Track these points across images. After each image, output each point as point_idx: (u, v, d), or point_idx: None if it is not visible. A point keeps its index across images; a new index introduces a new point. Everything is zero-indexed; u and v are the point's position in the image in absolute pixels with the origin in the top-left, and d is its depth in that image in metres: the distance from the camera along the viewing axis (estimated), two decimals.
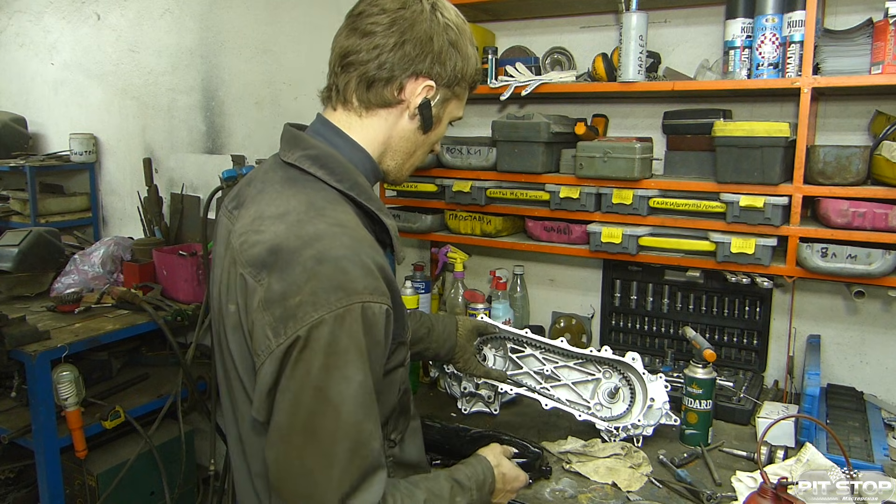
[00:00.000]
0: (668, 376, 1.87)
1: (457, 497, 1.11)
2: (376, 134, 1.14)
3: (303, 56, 2.88)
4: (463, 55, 1.14)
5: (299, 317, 0.92)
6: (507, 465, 1.31)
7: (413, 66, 1.09)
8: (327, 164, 1.08)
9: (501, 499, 1.30)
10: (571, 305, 2.37)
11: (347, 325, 0.93)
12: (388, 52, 1.07)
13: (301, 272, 0.93)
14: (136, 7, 3.40)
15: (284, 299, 0.93)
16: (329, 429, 0.93)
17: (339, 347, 0.92)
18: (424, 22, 1.08)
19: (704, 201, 1.80)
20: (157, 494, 2.87)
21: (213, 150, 3.25)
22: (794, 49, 1.67)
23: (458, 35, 1.13)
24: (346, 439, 0.94)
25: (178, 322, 2.72)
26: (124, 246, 3.15)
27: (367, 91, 1.10)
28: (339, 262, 0.94)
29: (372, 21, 1.08)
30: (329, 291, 0.92)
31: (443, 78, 1.12)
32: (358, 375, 0.94)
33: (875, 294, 1.87)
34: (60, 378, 2.35)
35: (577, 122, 2.05)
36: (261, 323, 0.95)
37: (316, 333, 0.91)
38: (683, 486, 1.48)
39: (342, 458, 0.93)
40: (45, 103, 3.90)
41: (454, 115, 1.22)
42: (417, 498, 1.04)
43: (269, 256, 0.96)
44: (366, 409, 0.96)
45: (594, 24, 2.19)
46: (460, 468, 1.21)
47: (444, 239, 2.27)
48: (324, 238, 0.96)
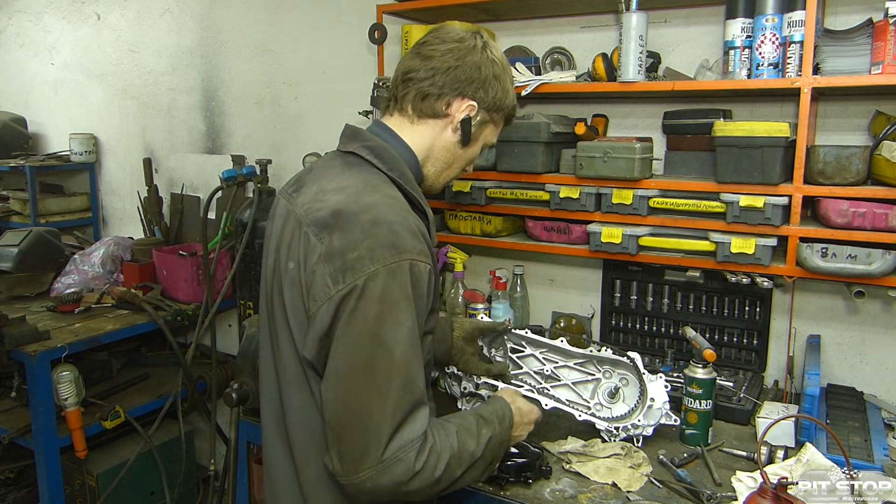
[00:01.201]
0: (668, 376, 1.87)
1: (483, 429, 1.25)
2: (423, 139, 1.32)
3: (303, 56, 2.88)
4: (503, 88, 1.33)
5: (357, 268, 1.08)
6: (522, 401, 1.46)
7: (461, 88, 1.28)
8: (381, 155, 1.26)
9: (522, 431, 1.44)
10: (571, 305, 2.37)
11: (399, 278, 1.09)
12: (441, 74, 1.27)
13: (359, 232, 1.10)
14: (136, 7, 3.40)
15: (344, 254, 1.09)
16: (384, 368, 1.08)
17: (391, 297, 1.08)
18: (476, 54, 1.28)
19: (704, 201, 1.80)
20: (157, 494, 2.88)
21: (213, 150, 3.25)
22: (794, 49, 1.67)
23: (502, 71, 1.33)
24: (399, 376, 1.09)
25: (178, 322, 2.72)
26: (124, 246, 3.15)
27: (422, 102, 1.29)
28: (392, 226, 1.11)
29: (433, 48, 1.28)
30: (383, 248, 1.09)
31: (484, 102, 1.31)
32: (407, 321, 1.10)
33: (875, 294, 1.87)
34: (60, 378, 2.35)
35: (577, 122, 2.05)
36: (322, 273, 1.10)
37: (371, 284, 1.07)
38: (683, 486, 1.48)
39: (395, 393, 1.08)
40: (45, 103, 3.90)
41: (488, 140, 1.39)
42: (450, 430, 1.19)
43: (331, 218, 1.14)
44: (414, 350, 1.11)
45: (594, 24, 2.19)
46: (483, 406, 1.36)
47: (444, 239, 2.27)
48: (378, 206, 1.14)
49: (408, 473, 1.08)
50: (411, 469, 1.08)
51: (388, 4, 2.25)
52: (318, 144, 2.77)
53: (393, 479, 1.08)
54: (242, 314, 2.58)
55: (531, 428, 1.47)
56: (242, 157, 3.07)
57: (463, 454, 1.18)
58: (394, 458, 1.07)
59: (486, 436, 1.25)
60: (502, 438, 1.31)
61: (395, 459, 1.07)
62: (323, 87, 2.85)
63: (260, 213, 2.48)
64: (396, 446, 1.07)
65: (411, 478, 1.09)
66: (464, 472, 1.19)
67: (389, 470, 1.07)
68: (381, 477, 1.07)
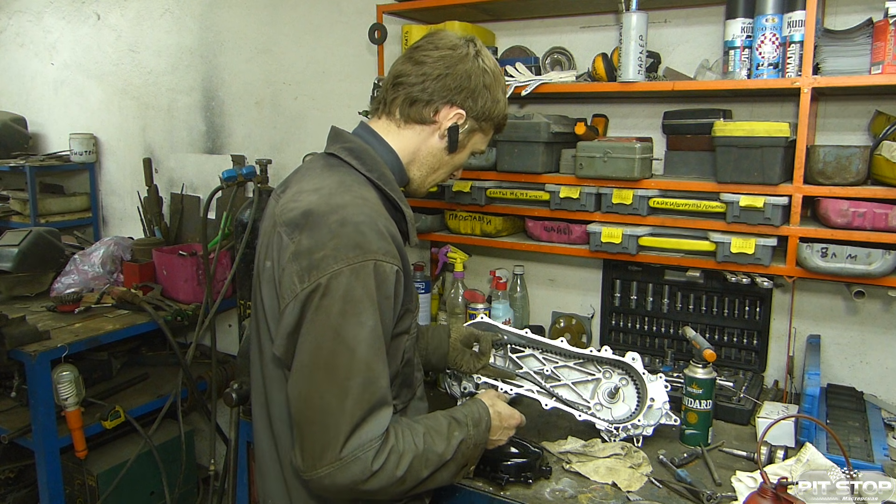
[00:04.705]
0: (668, 376, 1.87)
1: (455, 432, 1.25)
2: (408, 144, 1.33)
3: (303, 56, 2.88)
4: (493, 98, 1.33)
5: (322, 267, 1.10)
6: (502, 405, 1.44)
7: (450, 96, 1.29)
8: (361, 156, 1.28)
9: (501, 435, 1.42)
10: (571, 305, 2.37)
11: (362, 278, 1.10)
12: (432, 81, 1.28)
13: (327, 232, 1.12)
14: (136, 7, 3.40)
15: (311, 253, 1.12)
16: (345, 366, 1.10)
17: (354, 296, 1.10)
18: (468, 63, 1.29)
19: (704, 201, 1.80)
20: (157, 494, 2.88)
21: (213, 150, 3.25)
22: (794, 49, 1.67)
23: (493, 80, 1.33)
24: (359, 375, 1.10)
25: (178, 322, 2.72)
26: (124, 246, 3.15)
27: (410, 108, 1.30)
28: (359, 227, 1.13)
29: (425, 54, 1.29)
30: (348, 248, 1.11)
31: (473, 111, 1.32)
32: (370, 321, 1.11)
33: (875, 294, 1.87)
34: (60, 378, 2.35)
35: (577, 122, 2.05)
36: (290, 271, 1.13)
37: (335, 283, 1.09)
38: (683, 486, 1.48)
39: (355, 391, 1.09)
40: (45, 103, 3.90)
41: (477, 147, 1.40)
42: (417, 431, 1.19)
43: (302, 218, 1.16)
44: (376, 350, 1.12)
45: (594, 24, 2.19)
46: (458, 408, 1.35)
47: (444, 239, 2.27)
48: (348, 207, 1.15)
49: (365, 472, 1.09)
50: (369, 468, 1.09)
51: (388, 4, 2.25)
52: (318, 144, 2.75)
53: (350, 478, 1.09)
54: (242, 314, 2.58)
55: (512, 433, 1.46)
56: (242, 157, 3.07)
57: (430, 455, 1.18)
58: (352, 456, 1.08)
59: (458, 438, 1.25)
60: (477, 441, 1.30)
61: (353, 458, 1.08)
62: (323, 87, 2.85)
63: (260, 213, 2.48)
64: (355, 445, 1.09)
65: (369, 477, 1.10)
66: (432, 473, 1.19)
67: (347, 468, 1.08)
68: (339, 475, 1.08)
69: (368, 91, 2.12)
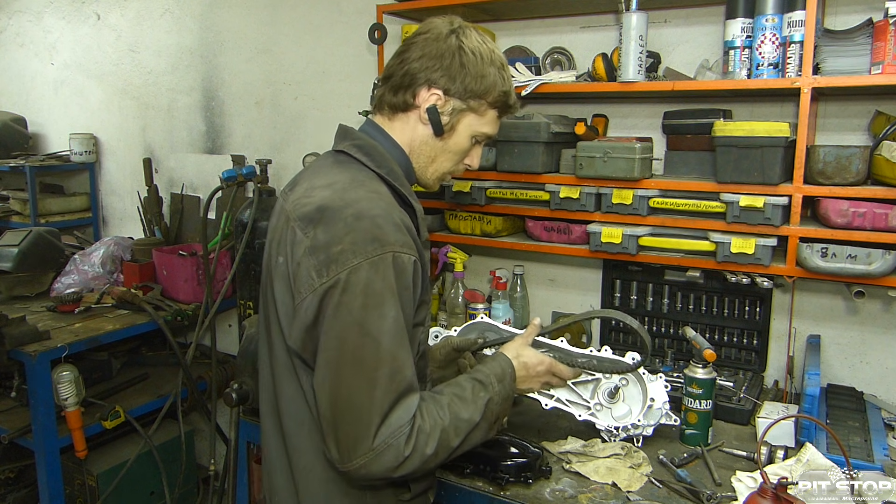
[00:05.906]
0: (668, 376, 1.87)
1: (480, 392, 1.26)
2: (402, 135, 1.33)
3: (303, 56, 2.88)
4: (475, 74, 1.28)
5: (341, 262, 1.10)
6: (528, 354, 1.46)
7: (426, 76, 1.27)
8: (370, 153, 1.28)
9: (532, 384, 1.47)
10: (571, 305, 2.37)
11: (381, 270, 1.11)
12: (409, 63, 1.27)
13: (343, 226, 1.12)
14: (136, 7, 3.40)
15: (328, 247, 1.12)
16: (371, 357, 1.11)
17: (374, 289, 1.11)
18: (441, 42, 1.27)
19: (704, 201, 1.80)
20: (157, 494, 2.88)
21: (213, 150, 3.25)
22: (794, 49, 1.67)
23: (475, 58, 1.28)
24: (386, 365, 1.11)
25: (178, 322, 2.72)
26: (124, 246, 3.15)
27: (394, 97, 1.30)
28: (375, 220, 1.13)
29: (408, 43, 1.30)
30: (366, 242, 1.11)
31: (452, 90, 1.28)
32: (391, 312, 1.12)
33: (875, 294, 1.87)
34: (60, 378, 2.35)
35: (577, 122, 2.05)
36: (306, 266, 1.13)
37: (355, 277, 1.10)
38: (683, 486, 1.48)
39: (383, 382, 1.11)
40: (45, 103, 3.90)
41: (476, 130, 1.34)
42: (441, 403, 1.20)
43: (316, 213, 1.16)
44: (399, 340, 1.13)
45: (594, 24, 2.19)
46: (479, 367, 1.35)
47: (444, 239, 2.27)
48: (362, 201, 1.16)
49: (398, 458, 1.11)
50: (401, 454, 1.11)
51: (388, 4, 2.25)
52: (318, 144, 2.77)
53: (384, 466, 1.11)
54: (242, 314, 2.58)
55: (544, 380, 1.49)
56: (242, 157, 3.07)
57: (458, 424, 1.20)
58: (384, 444, 1.10)
59: (484, 398, 1.25)
60: (504, 396, 1.31)
61: (386, 446, 1.10)
62: (323, 87, 2.85)
63: (260, 213, 2.48)
64: (386, 433, 1.10)
65: (402, 462, 1.11)
66: (463, 440, 1.21)
67: (380, 457, 1.10)
68: (374, 464, 1.10)
69: (368, 91, 2.12)
